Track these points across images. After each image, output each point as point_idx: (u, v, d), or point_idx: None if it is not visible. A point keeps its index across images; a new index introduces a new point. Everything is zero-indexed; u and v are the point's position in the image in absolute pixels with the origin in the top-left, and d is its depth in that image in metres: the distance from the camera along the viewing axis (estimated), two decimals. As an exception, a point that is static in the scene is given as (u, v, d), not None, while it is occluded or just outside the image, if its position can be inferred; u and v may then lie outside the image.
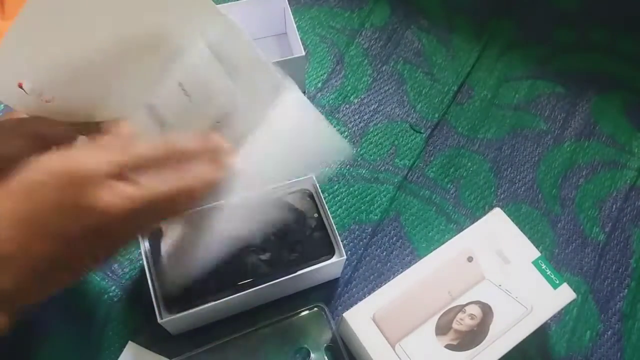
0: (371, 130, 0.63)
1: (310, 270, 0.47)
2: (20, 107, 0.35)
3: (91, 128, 0.37)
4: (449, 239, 0.48)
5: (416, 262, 0.47)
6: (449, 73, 0.68)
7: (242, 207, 0.37)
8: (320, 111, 0.64)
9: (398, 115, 0.65)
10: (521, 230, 0.48)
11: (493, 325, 0.44)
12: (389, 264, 0.55)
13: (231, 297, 0.45)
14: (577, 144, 0.65)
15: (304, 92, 0.65)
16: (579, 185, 0.62)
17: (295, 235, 0.49)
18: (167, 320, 0.43)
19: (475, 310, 0.44)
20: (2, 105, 0.61)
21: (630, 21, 0.74)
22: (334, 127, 0.63)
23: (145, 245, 0.47)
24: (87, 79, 0.36)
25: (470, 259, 0.47)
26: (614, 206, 0.61)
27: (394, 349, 0.42)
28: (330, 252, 0.49)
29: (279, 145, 0.39)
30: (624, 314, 0.54)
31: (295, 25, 0.60)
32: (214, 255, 0.37)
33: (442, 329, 0.43)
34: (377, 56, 0.69)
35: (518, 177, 0.62)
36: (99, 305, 0.50)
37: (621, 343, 0.53)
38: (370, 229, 0.57)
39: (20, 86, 0.34)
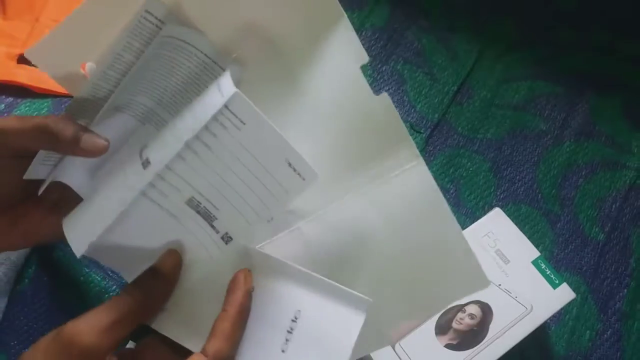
0: (371, 130, 0.63)
1: (310, 270, 0.47)
2: (77, 93, 0.33)
3: None
4: (449, 238, 0.48)
5: (416, 261, 0.47)
6: (449, 73, 0.68)
7: None
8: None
9: (398, 115, 0.65)
10: (521, 230, 0.49)
11: (492, 325, 0.44)
12: (388, 264, 0.55)
13: (231, 296, 0.44)
14: (576, 144, 0.65)
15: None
16: (578, 185, 0.62)
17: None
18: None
19: (475, 309, 0.44)
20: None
21: (630, 21, 0.74)
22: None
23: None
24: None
25: (469, 259, 0.47)
26: (614, 206, 0.61)
27: (393, 348, 0.42)
28: (330, 251, 0.49)
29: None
30: (624, 313, 0.54)
31: (295, 26, 0.60)
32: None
33: (441, 328, 0.43)
34: (377, 56, 0.69)
35: (518, 177, 0.62)
36: (100, 305, 0.50)
37: (621, 343, 0.53)
38: (370, 229, 0.57)
39: (83, 69, 0.32)
